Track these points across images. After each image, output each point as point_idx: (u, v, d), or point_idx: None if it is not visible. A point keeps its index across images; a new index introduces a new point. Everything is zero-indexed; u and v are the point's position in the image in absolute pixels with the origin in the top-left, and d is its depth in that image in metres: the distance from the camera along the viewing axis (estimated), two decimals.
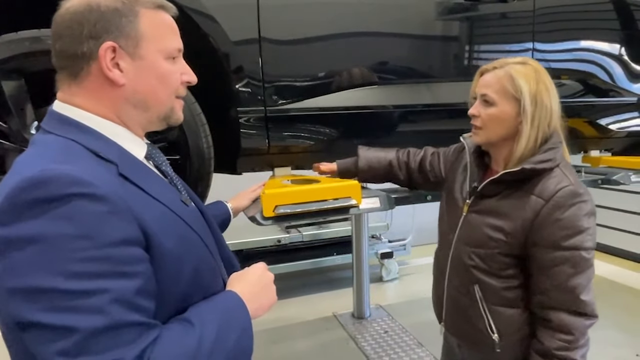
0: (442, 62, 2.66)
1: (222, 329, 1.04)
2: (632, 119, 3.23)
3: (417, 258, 6.92)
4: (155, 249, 1.00)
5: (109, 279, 0.89)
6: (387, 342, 4.45)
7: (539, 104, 1.63)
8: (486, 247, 1.71)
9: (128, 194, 1.00)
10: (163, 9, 1.15)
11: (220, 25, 2.07)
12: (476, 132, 1.76)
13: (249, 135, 2.21)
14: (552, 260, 1.59)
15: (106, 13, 1.05)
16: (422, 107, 2.57)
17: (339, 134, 2.40)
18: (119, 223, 0.94)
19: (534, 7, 2.76)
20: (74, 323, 0.85)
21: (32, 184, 0.89)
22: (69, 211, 0.88)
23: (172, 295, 1.06)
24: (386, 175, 2.23)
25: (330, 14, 2.33)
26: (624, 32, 3.10)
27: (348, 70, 2.39)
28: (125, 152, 1.10)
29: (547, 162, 1.62)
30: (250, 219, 2.04)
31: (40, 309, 0.85)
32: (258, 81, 2.18)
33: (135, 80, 1.09)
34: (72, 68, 1.07)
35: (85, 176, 0.92)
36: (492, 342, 1.73)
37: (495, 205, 1.72)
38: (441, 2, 2.55)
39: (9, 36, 1.77)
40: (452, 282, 1.87)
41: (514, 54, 2.78)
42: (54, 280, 0.85)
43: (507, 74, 1.66)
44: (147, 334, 0.92)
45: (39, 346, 0.87)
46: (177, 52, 1.17)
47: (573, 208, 1.57)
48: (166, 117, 1.19)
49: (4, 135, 1.83)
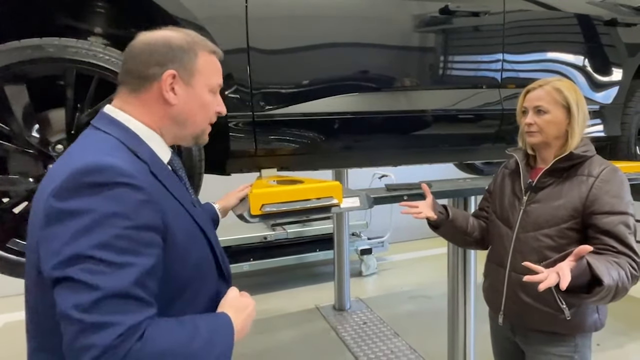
0: (418, 71, 2.67)
1: (210, 341, 1.13)
2: (595, 125, 3.27)
3: (394, 254, 6.98)
4: (170, 237, 1.13)
5: (132, 255, 1.02)
6: (366, 333, 4.47)
7: (581, 108, 1.93)
8: (554, 225, 1.90)
9: (156, 189, 1.14)
10: (215, 53, 1.34)
11: (211, 35, 2.06)
12: (534, 134, 1.98)
13: (238, 138, 2.21)
14: (610, 222, 1.79)
15: (174, 48, 1.24)
16: (399, 113, 2.58)
17: (321, 138, 2.40)
18: (150, 211, 1.07)
19: (503, 20, 2.78)
20: (98, 282, 0.96)
21: (90, 170, 1.03)
22: (114, 195, 1.03)
23: (176, 278, 1.17)
24: (464, 228, 2.25)
25: (313, 26, 2.34)
26: (587, 44, 3.13)
27: (330, 79, 2.40)
28: (154, 155, 1.24)
29: (588, 151, 1.93)
30: (239, 217, 2.04)
31: (77, 269, 0.97)
32: (246, 88, 2.18)
33: (183, 103, 1.26)
34: (135, 85, 1.23)
35: (129, 169, 1.07)
36: (561, 312, 1.85)
37: (552, 192, 1.94)
38: (418, 16, 2.57)
39: (12, 44, 1.76)
40: (516, 268, 1.97)
41: (486, 64, 2.81)
42: (91, 249, 0.98)
43: (554, 88, 1.94)
44: (147, 310, 1.02)
45: (62, 299, 0.97)
46: (218, 88, 1.36)
47: (617, 182, 1.86)
48: (196, 137, 1.35)
49: (6, 137, 1.82)
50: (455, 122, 2.78)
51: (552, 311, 1.88)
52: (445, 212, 2.26)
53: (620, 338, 1.64)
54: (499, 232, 2.12)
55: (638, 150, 3.44)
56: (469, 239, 2.29)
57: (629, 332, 4.11)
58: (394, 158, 3.03)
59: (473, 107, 2.77)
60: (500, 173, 2.26)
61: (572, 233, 1.87)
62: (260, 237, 5.61)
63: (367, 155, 2.76)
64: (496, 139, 2.87)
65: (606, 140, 3.39)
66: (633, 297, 4.93)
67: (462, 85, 2.79)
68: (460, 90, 2.77)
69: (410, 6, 2.56)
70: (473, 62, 2.82)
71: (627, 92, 3.37)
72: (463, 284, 2.97)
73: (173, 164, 1.34)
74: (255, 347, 4.16)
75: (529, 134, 1.99)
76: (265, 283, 5.77)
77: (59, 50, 1.81)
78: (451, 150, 2.96)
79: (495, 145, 2.93)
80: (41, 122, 1.87)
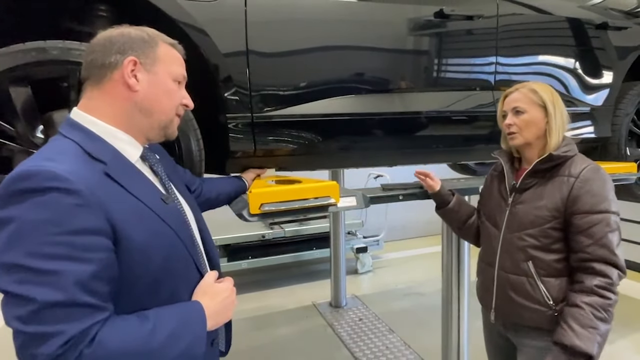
0: (413, 73, 2.67)
1: (176, 332, 1.10)
2: (585, 126, 3.27)
3: (389, 252, 6.99)
4: (124, 240, 1.08)
5: (68, 261, 0.97)
6: (361, 329, 4.49)
7: (557, 107, 1.96)
8: (537, 225, 1.92)
9: (107, 191, 1.09)
10: (175, 47, 1.34)
11: (211, 39, 2.06)
12: (514, 136, 2.01)
13: (237, 139, 2.21)
14: (589, 222, 1.81)
15: (134, 38, 1.25)
16: (395, 114, 2.58)
17: (318, 138, 2.41)
18: (86, 215, 1.01)
19: (497, 24, 2.79)
20: (33, 295, 0.93)
21: (21, 177, 0.99)
22: (44, 201, 0.98)
23: (141, 279, 1.13)
24: (466, 220, 2.38)
25: (311, 29, 2.34)
26: (578, 47, 3.14)
27: (327, 81, 2.41)
28: (118, 154, 1.21)
29: (569, 151, 1.93)
30: (238, 216, 2.05)
31: (10, 280, 0.94)
32: (245, 90, 2.18)
33: (146, 89, 1.24)
34: (98, 75, 1.22)
35: (65, 173, 1.01)
36: (549, 308, 1.89)
37: (535, 193, 1.96)
38: (413, 19, 2.57)
39: (17, 46, 1.76)
40: (504, 267, 2.02)
41: (480, 67, 2.82)
42: (23, 258, 0.94)
43: (529, 89, 1.99)
44: (95, 315, 0.99)
45: (4, 311, 0.97)
46: (182, 78, 1.35)
47: (598, 181, 1.85)
48: (165, 127, 1.32)
49: (12, 138, 1.82)
50: (449, 124, 2.79)
51: (541, 308, 1.91)
52: (452, 195, 2.40)
53: (610, 335, 1.66)
54: (488, 232, 2.16)
55: (628, 151, 3.45)
56: (465, 231, 2.40)
57: (619, 329, 4.14)
58: (389, 158, 3.04)
59: (467, 109, 2.78)
60: (489, 175, 2.29)
61: (555, 232, 1.89)
62: (258, 236, 5.62)
63: (363, 156, 2.76)
64: (490, 140, 2.87)
65: (597, 141, 3.40)
66: (622, 294, 4.95)
67: (456, 87, 2.79)
68: (454, 93, 2.78)
69: (406, 10, 2.56)
70: (467, 65, 2.82)
71: (618, 95, 3.38)
72: (457, 281, 2.97)
73: (148, 159, 1.32)
74: (254, 343, 4.17)
75: (510, 136, 2.03)
76: (264, 280, 5.77)
77: (63, 53, 1.80)
78: (446, 150, 2.97)
79: (489, 146, 2.93)
80: (45, 123, 1.87)
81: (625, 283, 5.15)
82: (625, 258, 1.82)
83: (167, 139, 1.35)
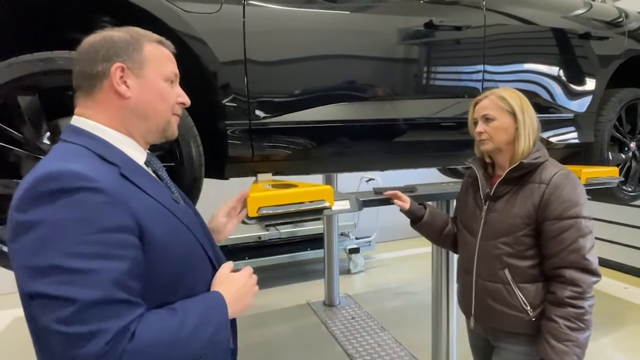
0: (404, 81, 2.70)
1: (202, 320, 1.11)
2: (569, 132, 3.31)
3: (380, 253, 7.02)
4: (147, 236, 1.07)
5: (104, 259, 0.96)
6: (354, 327, 4.51)
7: (526, 113, 1.95)
8: (511, 233, 1.91)
9: (127, 191, 1.08)
10: (162, 44, 1.28)
11: (210, 48, 2.08)
12: (485, 142, 2.00)
13: (236, 145, 2.23)
14: (560, 228, 1.80)
15: (118, 42, 1.18)
16: (386, 120, 2.61)
17: (313, 144, 2.43)
18: (115, 212, 1.01)
19: (484, 34, 2.82)
20: (74, 295, 0.91)
21: (47, 178, 0.97)
22: (74, 201, 0.96)
23: (163, 274, 1.12)
24: (442, 230, 2.35)
25: (306, 39, 2.36)
26: (562, 56, 3.17)
27: (321, 89, 2.43)
28: (127, 157, 1.18)
29: (539, 158, 1.92)
30: None
31: (48, 282, 0.91)
32: (244, 97, 2.20)
33: (138, 95, 1.19)
34: (88, 86, 1.17)
35: (90, 172, 1.00)
36: (526, 314, 1.90)
37: (508, 201, 1.95)
38: (404, 30, 2.60)
39: (25, 57, 1.77)
40: (481, 275, 2.02)
41: (468, 75, 2.85)
42: (59, 259, 0.92)
43: (498, 96, 1.98)
44: (132, 310, 0.98)
45: (41, 315, 0.92)
46: (174, 77, 1.28)
47: (568, 186, 1.84)
48: (164, 130, 1.28)
49: (20, 144, 1.83)
50: (439, 129, 2.81)
51: (518, 314, 1.91)
52: (424, 208, 2.36)
53: (592, 333, 1.68)
54: (465, 239, 2.15)
55: (610, 156, 3.49)
56: (443, 240, 2.38)
57: (601, 327, 4.18)
58: (382, 163, 3.06)
59: (456, 115, 2.81)
60: (464, 182, 2.29)
61: (528, 239, 1.89)
62: (254, 237, 5.66)
63: (356, 161, 2.79)
64: None
65: (581, 146, 3.44)
66: (603, 292, 5.00)
67: (445, 94, 2.82)
68: (443, 100, 2.80)
69: (397, 21, 2.59)
70: (456, 73, 2.85)
71: (600, 101, 3.42)
72: (446, 281, 3.00)
73: (152, 164, 1.30)
74: (250, 341, 4.18)
75: (481, 142, 2.03)
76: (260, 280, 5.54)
77: (69, 63, 1.81)
78: (435, 155, 3.00)
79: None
80: (52, 130, 1.88)
81: (606, 282, 5.24)
82: (605, 257, 1.83)
83: (167, 139, 1.32)
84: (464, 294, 2.16)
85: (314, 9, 2.38)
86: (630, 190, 3.65)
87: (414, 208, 2.35)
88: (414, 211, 2.35)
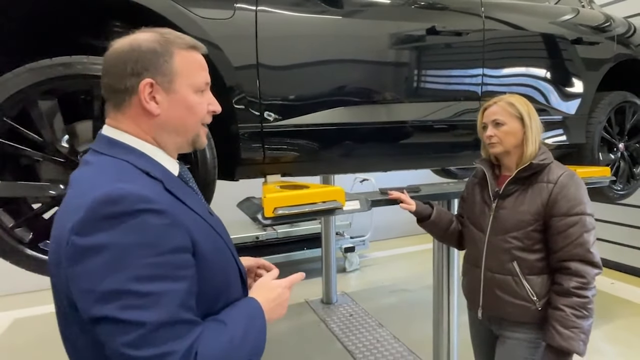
0: (409, 85, 2.74)
1: (247, 330, 1.10)
2: (561, 134, 3.37)
3: (374, 251, 7.05)
4: (198, 253, 1.05)
5: (169, 281, 0.95)
6: (352, 324, 4.53)
7: (533, 118, 2.05)
8: (521, 228, 2.00)
9: (176, 208, 1.05)
10: (194, 49, 1.18)
11: (224, 53, 2.10)
12: (495, 145, 2.08)
13: (248, 147, 2.25)
14: (566, 224, 1.91)
15: (146, 53, 1.09)
16: (394, 123, 2.65)
17: (323, 146, 2.46)
18: (176, 233, 0.99)
19: (483, 39, 2.87)
20: (142, 318, 0.90)
21: (107, 201, 0.94)
22: (138, 223, 0.94)
23: (210, 287, 1.11)
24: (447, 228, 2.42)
25: (316, 45, 2.40)
26: (555, 61, 3.23)
27: (330, 93, 2.46)
28: (166, 171, 1.13)
29: (546, 160, 2.03)
30: (252, 219, 2.09)
31: (115, 307, 0.90)
32: (256, 101, 2.22)
33: (168, 111, 1.12)
34: (116, 100, 1.11)
35: (148, 193, 0.98)
36: (533, 303, 1.98)
37: (517, 199, 2.04)
38: (409, 36, 2.65)
39: (45, 62, 1.78)
40: (491, 268, 2.10)
41: (468, 78, 2.90)
42: (125, 283, 0.91)
43: (507, 102, 2.07)
44: (194, 330, 0.98)
45: (109, 339, 0.92)
46: (205, 86, 1.20)
47: (573, 186, 1.95)
48: (193, 142, 1.21)
49: (39, 146, 1.84)
50: (441, 132, 2.86)
51: (526, 304, 2.00)
52: (431, 207, 2.42)
53: None
54: (473, 236, 2.22)
55: (601, 156, 3.55)
56: (448, 237, 2.45)
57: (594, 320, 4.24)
58: (386, 164, 3.10)
59: (457, 118, 2.86)
60: (470, 182, 2.36)
61: (537, 234, 1.99)
62: (252, 237, 5.68)
63: (363, 162, 2.83)
64: (476, 146, 2.94)
65: (572, 147, 3.51)
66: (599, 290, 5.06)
67: (447, 98, 2.87)
68: (445, 103, 2.85)
69: (403, 27, 2.64)
70: (457, 77, 2.90)
71: (591, 104, 3.49)
72: (447, 278, 3.03)
73: (183, 176, 1.22)
74: None
75: (490, 145, 2.11)
76: None
77: (87, 68, 1.82)
78: (436, 156, 3.04)
79: (475, 153, 2.99)
80: (70, 133, 1.89)
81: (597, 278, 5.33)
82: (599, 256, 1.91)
83: (196, 149, 1.26)
84: (471, 287, 2.22)
85: (322, 15, 2.41)
86: (619, 189, 3.73)
87: (420, 208, 2.41)
88: (421, 211, 2.41)
